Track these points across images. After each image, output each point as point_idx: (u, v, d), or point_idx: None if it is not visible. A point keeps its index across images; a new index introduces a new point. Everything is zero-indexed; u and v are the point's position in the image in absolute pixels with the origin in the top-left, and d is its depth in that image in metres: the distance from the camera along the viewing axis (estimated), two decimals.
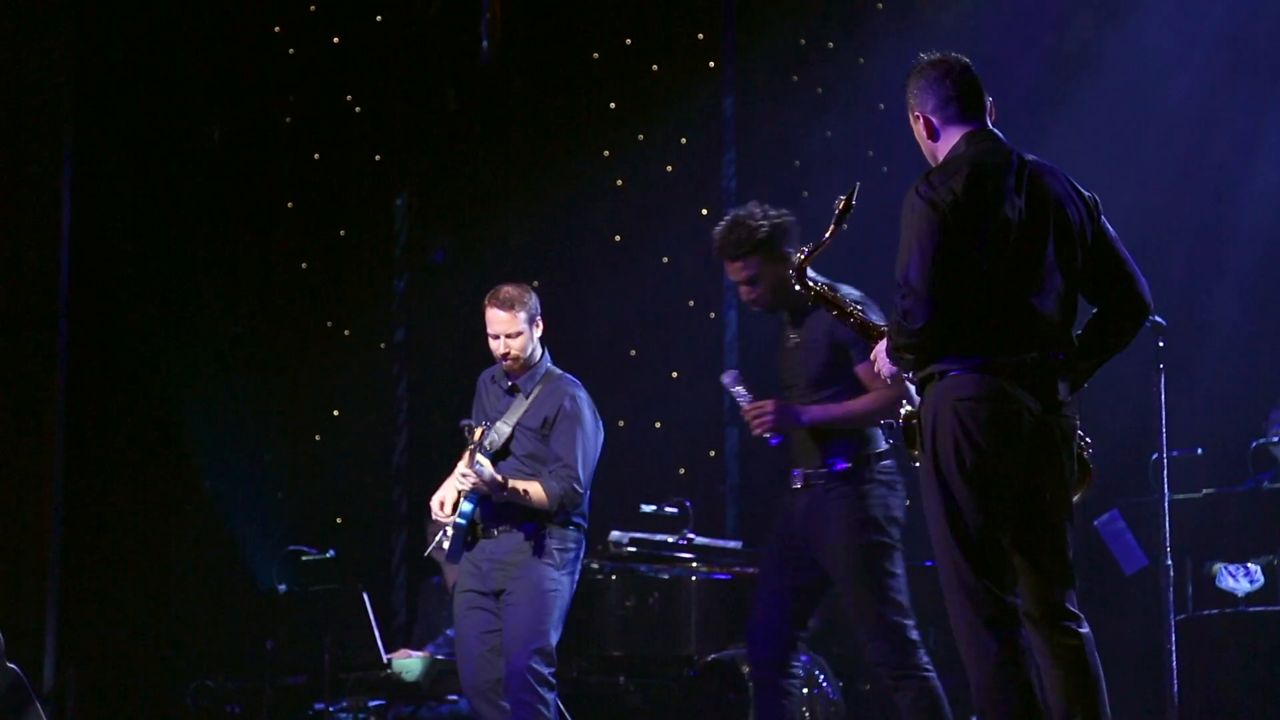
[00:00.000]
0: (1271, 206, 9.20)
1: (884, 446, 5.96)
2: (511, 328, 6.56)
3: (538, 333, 6.64)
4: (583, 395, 6.59)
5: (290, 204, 10.23)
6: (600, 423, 6.64)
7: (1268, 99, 9.24)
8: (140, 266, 9.56)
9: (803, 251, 5.08)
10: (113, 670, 9.18)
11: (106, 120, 9.47)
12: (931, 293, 4.44)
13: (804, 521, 5.96)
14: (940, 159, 4.67)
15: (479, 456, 6.43)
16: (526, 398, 6.59)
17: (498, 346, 6.59)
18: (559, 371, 6.69)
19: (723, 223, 6.04)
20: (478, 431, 6.49)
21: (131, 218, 9.53)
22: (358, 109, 10.38)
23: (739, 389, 6.01)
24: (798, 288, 5.10)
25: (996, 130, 4.69)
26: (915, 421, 4.60)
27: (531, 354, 6.62)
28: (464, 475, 6.43)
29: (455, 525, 6.48)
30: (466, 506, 6.47)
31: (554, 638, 6.41)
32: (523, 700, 6.31)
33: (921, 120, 4.71)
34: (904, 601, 5.94)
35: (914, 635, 5.91)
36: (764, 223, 5.96)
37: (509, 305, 6.56)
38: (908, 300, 4.48)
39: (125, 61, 9.58)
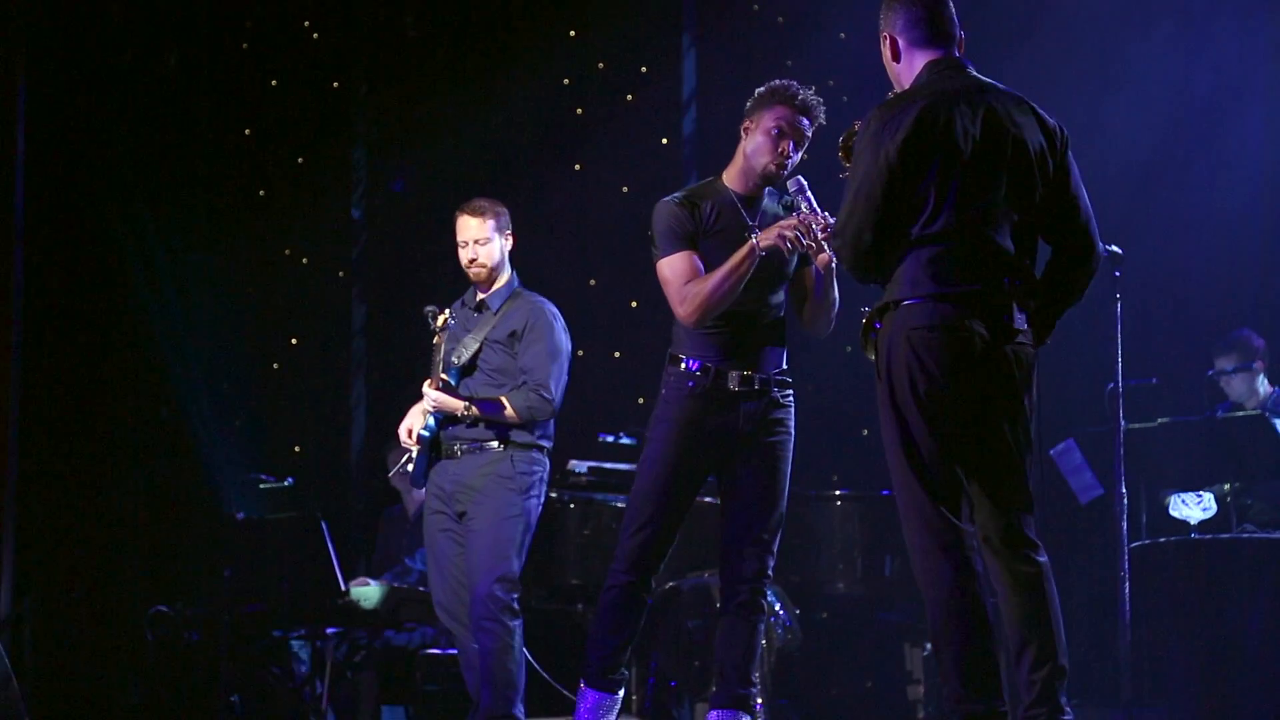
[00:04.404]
0: (1229, 135, 9.23)
1: None
2: (480, 234, 6.57)
3: (507, 246, 6.64)
4: (550, 309, 6.60)
5: (248, 131, 10.16)
6: (569, 335, 6.63)
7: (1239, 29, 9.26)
8: (97, 193, 9.47)
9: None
10: (69, 598, 9.16)
11: (62, 46, 9.36)
12: (857, 245, 4.52)
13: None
14: (904, 83, 4.66)
15: (435, 393, 6.42)
16: (494, 313, 6.59)
17: (464, 254, 6.59)
18: (527, 291, 6.70)
19: (803, 89, 5.66)
20: (441, 317, 6.50)
21: (88, 144, 9.44)
22: (316, 35, 10.30)
23: (809, 195, 5.43)
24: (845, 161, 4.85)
25: (965, 60, 4.67)
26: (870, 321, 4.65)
27: (499, 266, 6.63)
28: (426, 394, 6.45)
29: (420, 439, 6.49)
30: (430, 421, 6.48)
31: (517, 564, 6.42)
32: (485, 627, 6.34)
33: (888, 40, 4.70)
34: None
35: None
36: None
37: (479, 212, 6.58)
38: (835, 241, 4.62)
39: None
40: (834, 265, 5.41)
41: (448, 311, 6.56)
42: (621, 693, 5.80)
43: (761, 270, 5.58)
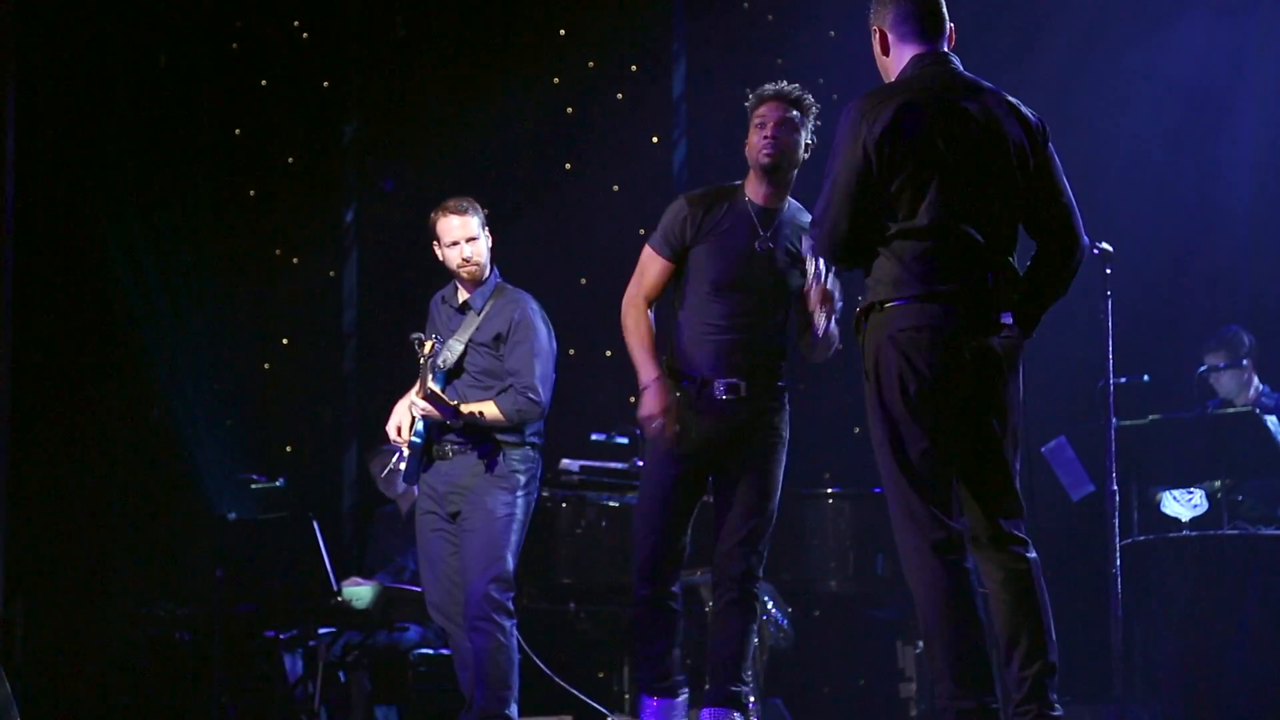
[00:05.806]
0: (1219, 132, 9.24)
1: None
2: (469, 231, 6.57)
3: (490, 243, 6.64)
4: (533, 306, 6.61)
5: (238, 131, 10.15)
6: (553, 332, 6.65)
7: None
8: (87, 194, 9.46)
9: None
10: (61, 598, 9.15)
11: (51, 45, 9.35)
12: (834, 235, 4.53)
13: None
14: (893, 77, 4.67)
15: (424, 404, 6.41)
16: (478, 314, 6.59)
17: (455, 254, 6.58)
18: (509, 287, 6.69)
19: (779, 83, 5.86)
20: (428, 344, 6.50)
21: (78, 145, 9.43)
22: (305, 35, 10.29)
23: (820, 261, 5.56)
24: None
25: (952, 55, 4.67)
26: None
27: (485, 264, 6.63)
28: (414, 404, 6.45)
29: (411, 445, 6.50)
30: (419, 426, 6.49)
31: (511, 563, 6.42)
32: (479, 627, 6.34)
33: (878, 35, 4.71)
34: None
35: None
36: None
37: (463, 210, 6.58)
38: (813, 232, 4.64)
39: None
40: (837, 315, 5.62)
41: (434, 338, 6.55)
42: (685, 694, 5.88)
43: (757, 286, 5.73)
